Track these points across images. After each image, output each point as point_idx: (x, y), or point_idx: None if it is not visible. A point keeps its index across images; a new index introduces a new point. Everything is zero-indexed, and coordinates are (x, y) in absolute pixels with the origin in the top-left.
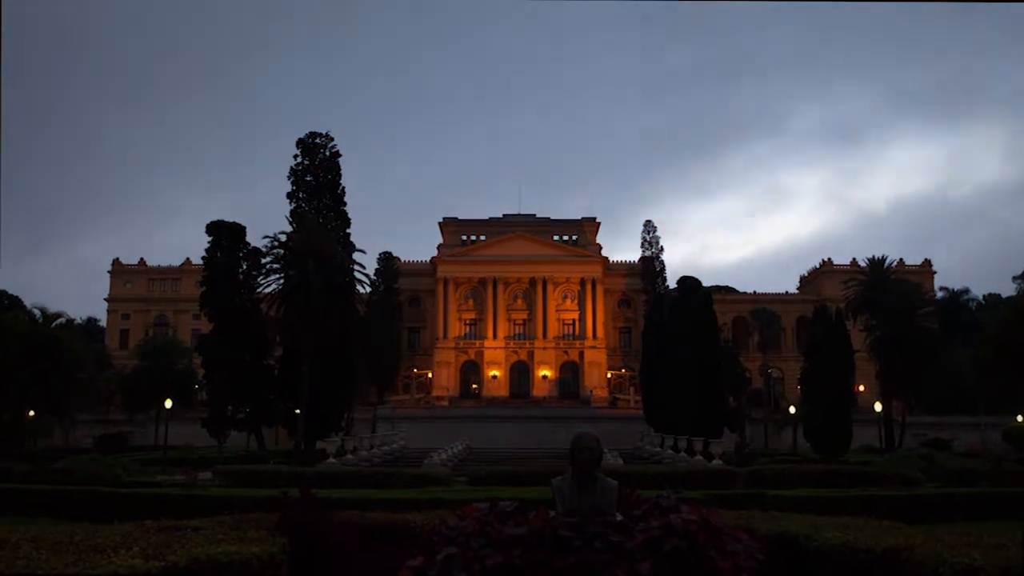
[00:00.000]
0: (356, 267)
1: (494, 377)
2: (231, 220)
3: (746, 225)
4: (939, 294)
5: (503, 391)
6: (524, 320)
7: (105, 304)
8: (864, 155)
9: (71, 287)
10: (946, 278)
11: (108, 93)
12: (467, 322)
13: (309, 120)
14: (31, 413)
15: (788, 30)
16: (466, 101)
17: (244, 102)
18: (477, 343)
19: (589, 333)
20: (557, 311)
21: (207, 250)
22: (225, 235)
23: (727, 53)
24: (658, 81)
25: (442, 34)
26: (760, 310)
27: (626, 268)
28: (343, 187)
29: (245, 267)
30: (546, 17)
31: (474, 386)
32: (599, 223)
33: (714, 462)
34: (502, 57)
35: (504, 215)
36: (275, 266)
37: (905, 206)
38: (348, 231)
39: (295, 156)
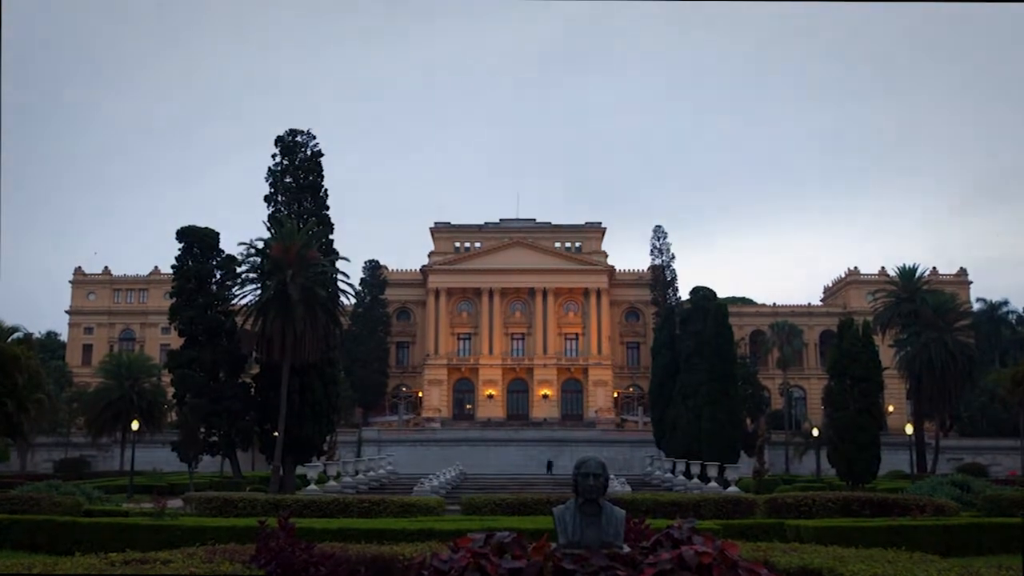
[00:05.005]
0: (340, 276)
1: (490, 397)
2: (204, 225)
3: (765, 230)
4: (975, 306)
5: (500, 412)
6: (523, 335)
7: (66, 317)
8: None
9: (29, 298)
10: (983, 289)
11: (73, 89)
12: (461, 336)
13: (289, 117)
14: None
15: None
16: (460, 97)
17: (220, 98)
18: (471, 359)
19: (593, 349)
20: (558, 325)
21: (177, 258)
22: (197, 242)
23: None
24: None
25: (433, 28)
26: (780, 323)
27: (634, 278)
28: (325, 189)
29: (219, 276)
30: (548, 12)
31: (468, 406)
32: (604, 229)
33: (730, 489)
34: (500, 53)
35: (501, 220)
36: (251, 275)
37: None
38: (331, 237)
39: (273, 156)
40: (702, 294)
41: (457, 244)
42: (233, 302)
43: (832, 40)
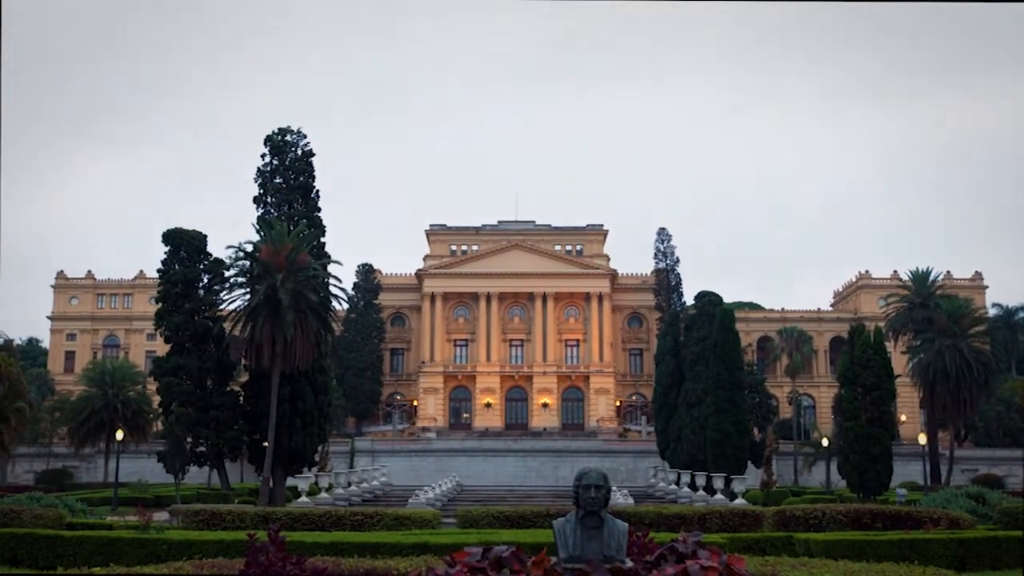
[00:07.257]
0: (332, 280)
1: (488, 405)
2: (191, 228)
3: (770, 232)
4: (991, 312)
5: (498, 421)
6: (522, 341)
7: (48, 323)
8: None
9: (9, 303)
10: (999, 293)
11: (54, 92)
12: (457, 343)
13: (279, 116)
14: None
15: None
16: (456, 95)
17: (208, 97)
18: (468, 367)
19: (595, 355)
20: (559, 331)
21: (164, 262)
22: (184, 245)
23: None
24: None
25: (428, 24)
26: (789, 329)
27: (637, 282)
28: (317, 190)
29: (207, 281)
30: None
31: (465, 415)
32: (607, 231)
33: (737, 501)
34: (497, 50)
35: (499, 222)
36: (240, 279)
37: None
38: (323, 240)
39: (263, 156)
40: (707, 299)
41: (454, 247)
42: (221, 307)
43: (840, 41)
